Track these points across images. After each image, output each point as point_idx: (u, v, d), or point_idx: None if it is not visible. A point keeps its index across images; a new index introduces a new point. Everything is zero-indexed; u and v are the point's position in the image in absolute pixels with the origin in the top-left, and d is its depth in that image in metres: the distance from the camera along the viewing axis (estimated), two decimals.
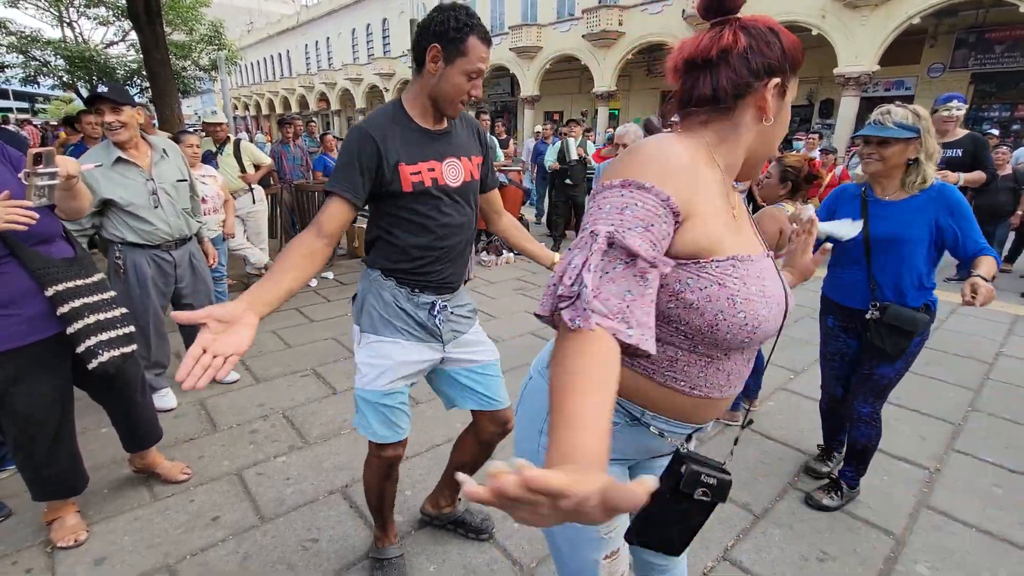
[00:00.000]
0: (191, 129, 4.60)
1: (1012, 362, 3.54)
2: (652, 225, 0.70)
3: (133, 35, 16.69)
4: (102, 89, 2.31)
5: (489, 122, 7.11)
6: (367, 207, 1.46)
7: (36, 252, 1.62)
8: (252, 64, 46.06)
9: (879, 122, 1.79)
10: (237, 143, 4.54)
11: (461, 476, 0.43)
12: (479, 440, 1.73)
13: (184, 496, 2.12)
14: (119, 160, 2.32)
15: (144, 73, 15.68)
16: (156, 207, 2.42)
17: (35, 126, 13.01)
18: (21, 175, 1.50)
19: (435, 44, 1.32)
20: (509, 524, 1.97)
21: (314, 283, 5.15)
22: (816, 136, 7.06)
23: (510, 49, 21.90)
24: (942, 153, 4.01)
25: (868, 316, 1.92)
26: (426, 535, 1.92)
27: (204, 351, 0.88)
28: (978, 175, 3.72)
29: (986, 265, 1.70)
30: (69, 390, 1.80)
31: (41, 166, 1.47)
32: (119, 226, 2.38)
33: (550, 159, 6.74)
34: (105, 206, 2.34)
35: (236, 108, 46.25)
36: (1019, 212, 5.76)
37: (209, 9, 18.15)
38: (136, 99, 2.52)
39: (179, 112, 7.48)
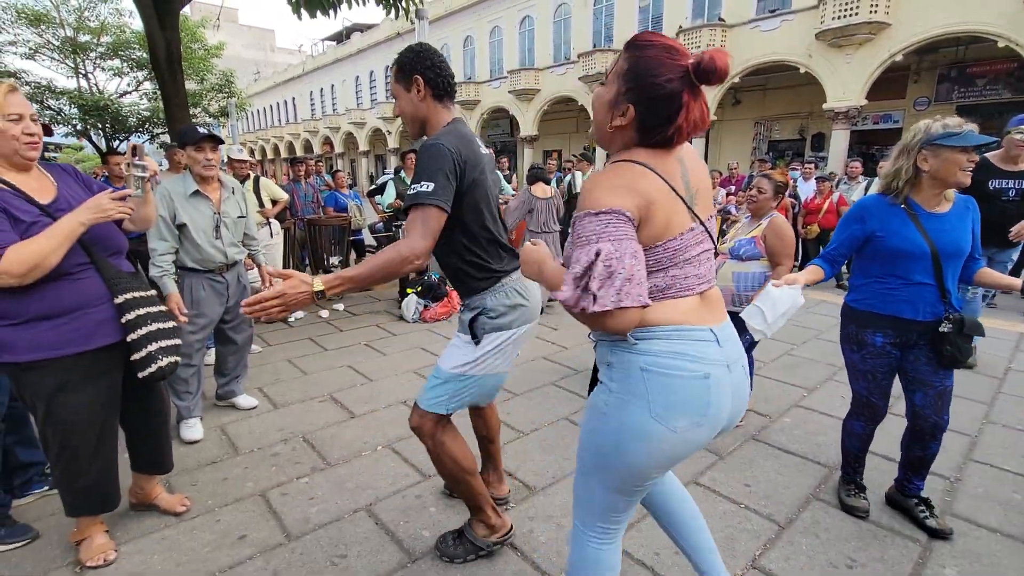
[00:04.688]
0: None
1: (1022, 376, 3.56)
2: None
3: (147, 85, 17.40)
4: (203, 131, 2.66)
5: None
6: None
7: (109, 263, 1.75)
8: (259, 111, 47.53)
9: (972, 132, 1.74)
10: (257, 179, 4.71)
11: None
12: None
13: (210, 516, 2.13)
14: (195, 192, 2.65)
15: (155, 120, 16.35)
16: (217, 238, 2.73)
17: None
18: (123, 164, 1.77)
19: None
20: (535, 538, 1.98)
21: (325, 314, 5.22)
22: (812, 165, 7.37)
23: (509, 92, 22.65)
24: (1015, 184, 3.33)
25: (942, 329, 1.85)
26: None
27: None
28: None
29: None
30: (116, 401, 1.84)
31: (137, 158, 1.75)
32: (181, 252, 2.68)
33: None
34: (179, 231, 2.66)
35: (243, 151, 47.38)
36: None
37: (219, 60, 19.03)
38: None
39: None
